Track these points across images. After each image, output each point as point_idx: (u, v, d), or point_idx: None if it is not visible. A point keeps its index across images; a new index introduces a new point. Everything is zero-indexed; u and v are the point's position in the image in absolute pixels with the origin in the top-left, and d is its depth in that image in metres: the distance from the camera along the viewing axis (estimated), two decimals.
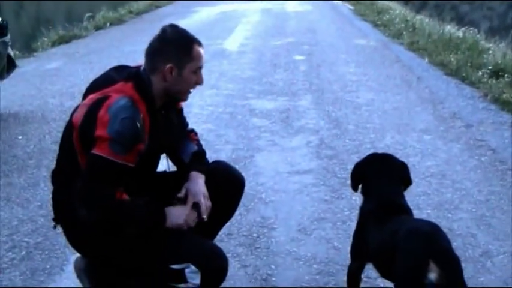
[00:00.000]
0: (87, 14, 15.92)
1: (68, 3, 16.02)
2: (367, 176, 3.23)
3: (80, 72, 9.79)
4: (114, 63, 3.16)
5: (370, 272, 3.46)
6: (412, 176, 5.21)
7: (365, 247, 3.10)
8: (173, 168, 3.37)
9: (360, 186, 3.31)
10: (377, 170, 3.22)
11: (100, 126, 2.74)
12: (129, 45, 12.34)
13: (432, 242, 2.68)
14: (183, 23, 2.98)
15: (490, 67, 9.27)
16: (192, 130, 3.40)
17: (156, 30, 3.03)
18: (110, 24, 16.27)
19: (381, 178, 3.19)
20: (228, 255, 3.18)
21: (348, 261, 3.29)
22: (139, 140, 2.80)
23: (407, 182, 3.26)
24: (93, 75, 3.09)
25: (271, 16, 18.97)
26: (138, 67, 2.98)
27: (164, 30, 2.97)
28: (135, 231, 2.88)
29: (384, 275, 3.05)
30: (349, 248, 3.32)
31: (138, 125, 2.76)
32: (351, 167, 5.46)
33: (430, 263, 2.56)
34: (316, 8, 21.26)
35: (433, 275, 2.54)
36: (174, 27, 3.00)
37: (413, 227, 2.87)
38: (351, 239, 3.30)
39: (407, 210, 3.13)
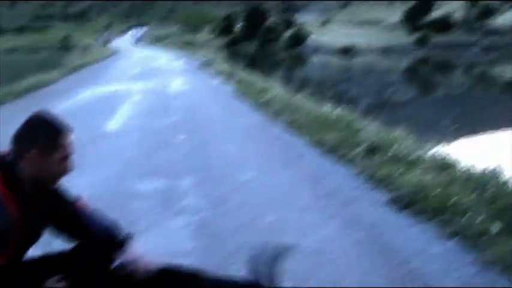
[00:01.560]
0: None
1: None
2: None
3: None
4: None
5: None
6: (292, 254, 5.25)
7: None
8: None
9: None
10: None
11: None
12: (13, 126, 12.02)
13: None
14: (66, 104, 2.98)
15: (365, 145, 9.58)
16: (79, 197, 3.37)
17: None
18: None
19: None
20: None
21: None
22: (6, 238, 2.71)
23: None
24: None
25: (154, 96, 19.04)
26: (4, 155, 2.92)
27: (31, 117, 2.94)
28: None
29: None
30: None
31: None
32: (232, 246, 5.53)
33: None
34: (199, 87, 21.57)
35: None
36: (41, 114, 2.97)
37: None
38: None
39: None
